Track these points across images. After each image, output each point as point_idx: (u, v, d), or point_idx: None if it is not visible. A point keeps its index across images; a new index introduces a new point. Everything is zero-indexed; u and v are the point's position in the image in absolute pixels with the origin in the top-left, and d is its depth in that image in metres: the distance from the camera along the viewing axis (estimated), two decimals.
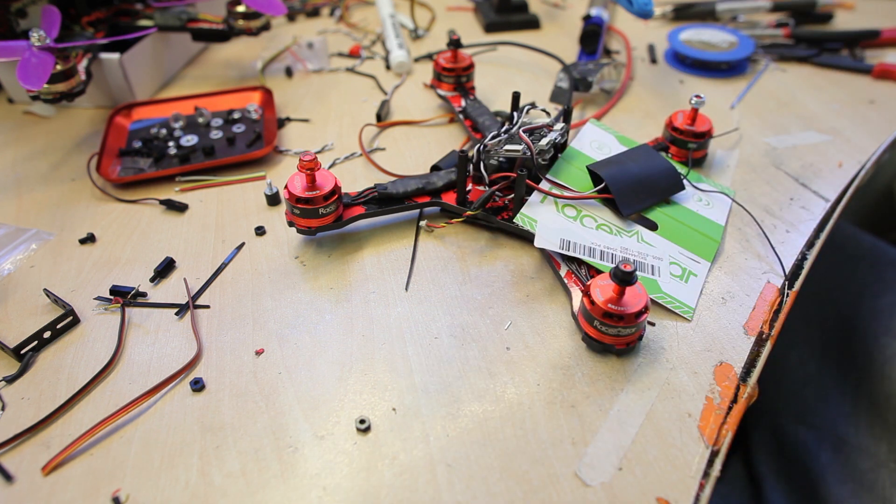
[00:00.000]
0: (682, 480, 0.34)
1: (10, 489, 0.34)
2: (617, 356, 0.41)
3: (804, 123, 0.65)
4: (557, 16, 0.91)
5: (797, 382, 0.67)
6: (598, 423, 0.37)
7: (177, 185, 0.56)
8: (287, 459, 0.35)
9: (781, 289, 0.46)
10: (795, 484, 0.61)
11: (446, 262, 0.48)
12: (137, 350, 0.42)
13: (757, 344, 0.42)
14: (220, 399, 0.39)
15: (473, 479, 0.34)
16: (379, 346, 0.42)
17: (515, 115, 0.52)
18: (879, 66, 0.73)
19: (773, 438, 0.65)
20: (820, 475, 0.59)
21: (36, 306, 0.45)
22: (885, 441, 0.58)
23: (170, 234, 0.51)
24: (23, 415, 0.38)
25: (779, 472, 0.62)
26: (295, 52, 0.78)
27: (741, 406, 0.38)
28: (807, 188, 0.56)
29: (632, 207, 0.49)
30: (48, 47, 0.53)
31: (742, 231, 0.51)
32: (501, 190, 0.49)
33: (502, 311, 0.44)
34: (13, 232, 0.51)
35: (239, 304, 0.45)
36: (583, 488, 0.34)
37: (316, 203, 0.46)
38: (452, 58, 0.64)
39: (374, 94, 0.70)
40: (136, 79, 0.67)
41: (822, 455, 0.61)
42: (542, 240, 0.46)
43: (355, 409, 0.38)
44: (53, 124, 0.66)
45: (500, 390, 0.39)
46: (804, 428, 0.64)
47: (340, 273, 0.47)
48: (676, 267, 0.46)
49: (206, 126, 0.64)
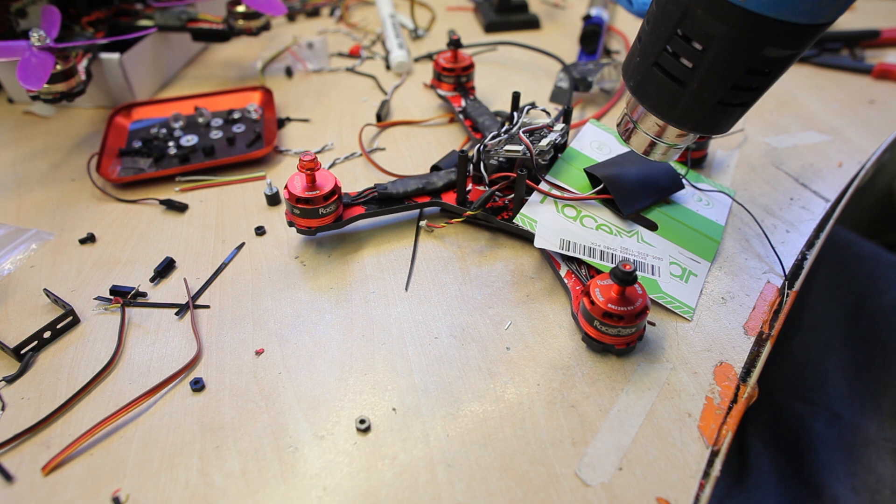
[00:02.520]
0: (682, 480, 0.34)
1: (10, 489, 0.34)
2: (617, 356, 0.41)
3: (804, 123, 0.65)
4: (557, 16, 0.91)
5: (798, 364, 0.68)
6: (598, 423, 0.37)
7: (177, 185, 0.56)
8: (287, 459, 0.35)
9: (781, 289, 0.46)
10: (784, 451, 0.62)
11: (446, 262, 0.48)
12: (137, 350, 0.42)
13: (757, 344, 0.42)
14: (220, 399, 0.39)
15: (473, 479, 0.34)
16: (379, 346, 0.42)
17: (515, 115, 0.52)
18: (879, 66, 0.73)
19: (766, 411, 0.66)
20: (810, 444, 0.61)
21: (36, 306, 0.45)
22: (875, 421, 0.60)
23: (170, 234, 0.51)
24: (23, 415, 0.38)
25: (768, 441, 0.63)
26: (295, 52, 0.78)
27: (741, 406, 0.38)
28: (807, 188, 0.56)
29: (632, 207, 0.49)
30: (48, 47, 0.53)
31: (742, 231, 0.51)
32: (501, 190, 0.49)
33: (502, 311, 0.44)
34: (13, 232, 0.51)
35: (239, 304, 0.45)
36: (583, 488, 0.34)
37: (316, 203, 0.46)
38: (452, 58, 0.64)
39: (374, 94, 0.70)
40: (136, 79, 0.67)
41: (815, 426, 0.62)
42: (541, 240, 0.46)
43: (355, 409, 0.38)
44: (53, 124, 0.66)
45: (500, 390, 0.39)
46: (801, 403, 0.65)
47: (340, 273, 0.47)
48: (676, 267, 0.46)
49: (206, 126, 0.64)
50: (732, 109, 0.39)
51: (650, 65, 0.40)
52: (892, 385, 0.61)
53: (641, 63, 0.40)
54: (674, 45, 0.38)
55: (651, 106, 0.42)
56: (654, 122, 0.42)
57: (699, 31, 0.36)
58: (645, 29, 0.40)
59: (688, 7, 0.35)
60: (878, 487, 0.56)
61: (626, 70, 0.43)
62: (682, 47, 0.37)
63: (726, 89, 0.37)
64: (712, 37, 0.35)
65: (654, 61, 0.39)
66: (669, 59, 0.38)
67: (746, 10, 0.33)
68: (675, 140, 0.43)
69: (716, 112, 0.39)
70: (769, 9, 0.33)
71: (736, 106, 0.39)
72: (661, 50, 0.38)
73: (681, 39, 0.37)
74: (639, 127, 0.44)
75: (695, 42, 0.36)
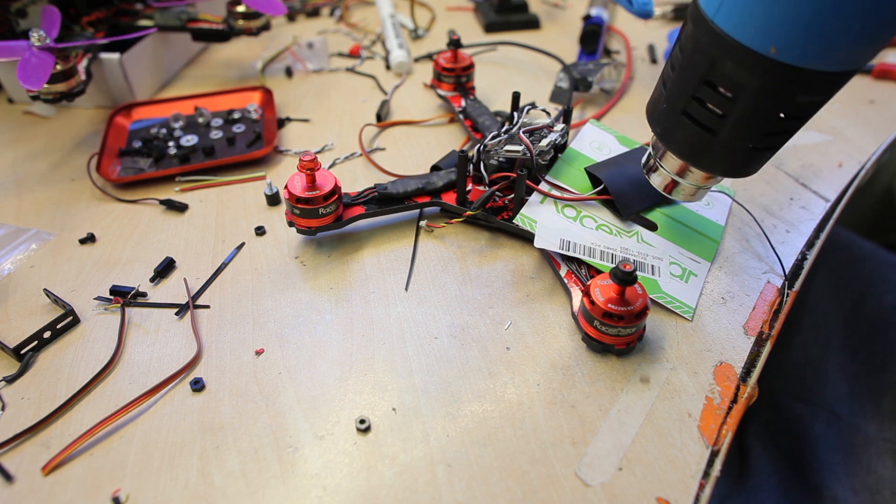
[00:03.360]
0: (682, 480, 0.34)
1: (10, 489, 0.34)
2: (617, 356, 0.41)
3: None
4: (557, 16, 0.91)
5: (798, 364, 0.68)
6: (598, 423, 0.37)
7: (177, 185, 0.56)
8: (287, 459, 0.35)
9: (781, 289, 0.46)
10: (784, 451, 0.62)
11: (446, 262, 0.48)
12: (137, 350, 0.42)
13: (757, 344, 0.42)
14: (220, 399, 0.39)
15: (473, 479, 0.34)
16: (379, 346, 0.42)
17: (515, 115, 0.52)
18: (879, 66, 0.73)
19: (766, 411, 0.66)
20: (809, 444, 0.61)
21: (36, 306, 0.45)
22: (875, 422, 0.60)
23: (170, 234, 0.51)
24: (23, 415, 0.38)
25: (768, 441, 0.63)
26: (295, 52, 0.78)
27: (741, 406, 0.38)
28: (807, 188, 0.56)
29: (631, 209, 0.49)
30: (48, 47, 0.53)
31: (742, 231, 0.51)
32: (501, 190, 0.49)
33: (502, 311, 0.44)
34: (13, 232, 0.51)
35: (239, 304, 0.45)
36: (583, 488, 0.34)
37: (316, 203, 0.46)
38: (452, 58, 0.64)
39: (374, 94, 0.70)
40: (136, 79, 0.67)
41: (815, 426, 0.62)
42: (541, 240, 0.46)
43: (355, 409, 0.38)
44: (53, 124, 0.66)
45: (500, 390, 0.39)
46: (800, 403, 0.65)
47: (340, 273, 0.47)
48: (676, 267, 0.46)
49: (206, 126, 0.64)
50: (762, 153, 0.38)
51: (678, 112, 0.38)
52: (892, 385, 0.61)
53: (668, 111, 0.39)
54: (702, 93, 0.36)
55: (679, 152, 0.41)
56: (682, 163, 0.41)
57: (729, 82, 0.35)
58: (670, 75, 0.38)
59: (716, 58, 0.34)
60: (878, 488, 0.56)
61: (651, 115, 0.42)
62: (711, 96, 0.36)
63: (759, 136, 0.37)
64: (743, 87, 0.34)
65: (683, 109, 0.38)
66: (698, 108, 0.37)
67: (779, 61, 0.32)
68: (703, 182, 0.42)
69: (746, 156, 0.38)
70: (802, 60, 0.32)
71: (766, 150, 0.38)
72: (690, 98, 0.37)
73: (709, 88, 0.36)
74: (663, 168, 0.43)
75: (725, 91, 0.35)
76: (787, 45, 0.31)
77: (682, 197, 0.44)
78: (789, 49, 0.31)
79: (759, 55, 0.32)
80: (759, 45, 0.32)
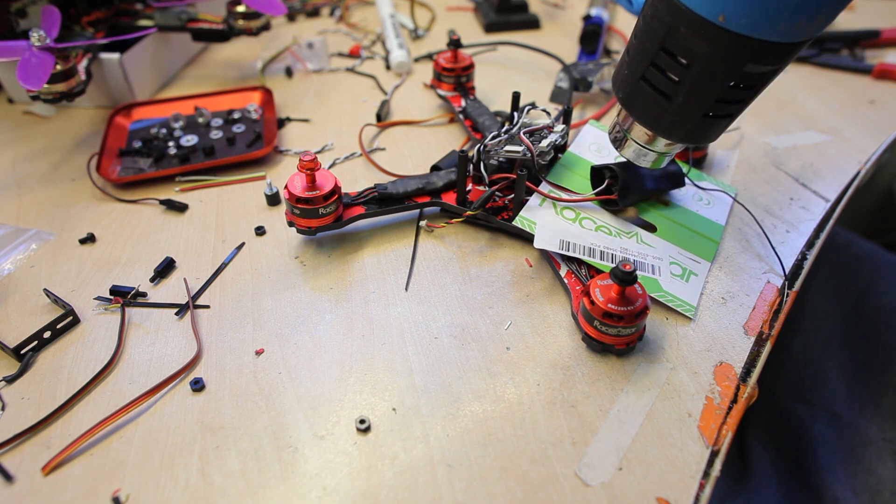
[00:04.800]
0: (682, 480, 0.34)
1: (10, 489, 0.34)
2: (617, 356, 0.41)
3: (804, 123, 0.65)
4: (557, 16, 0.91)
5: (798, 365, 0.68)
6: (598, 423, 0.37)
7: (177, 185, 0.56)
8: (287, 459, 0.35)
9: (781, 289, 0.46)
10: (784, 452, 0.62)
11: (446, 262, 0.48)
12: (137, 350, 0.42)
13: (757, 344, 0.42)
14: (220, 399, 0.39)
15: (473, 479, 0.34)
16: (379, 346, 0.42)
17: (515, 115, 0.52)
18: (879, 66, 0.73)
19: (766, 411, 0.66)
20: (810, 444, 0.61)
21: (36, 306, 0.45)
22: (875, 423, 0.60)
23: (170, 234, 0.51)
24: (23, 415, 0.38)
25: (768, 442, 0.63)
26: (295, 52, 0.78)
27: (741, 406, 0.38)
28: (807, 188, 0.56)
29: (629, 199, 0.49)
30: (48, 47, 0.53)
31: (742, 231, 0.51)
32: (501, 190, 0.49)
33: (502, 311, 0.44)
34: (13, 232, 0.51)
35: (239, 304, 0.45)
36: (583, 488, 0.34)
37: (316, 203, 0.46)
38: (452, 58, 0.64)
39: (374, 94, 0.70)
40: (136, 79, 0.67)
41: (815, 427, 0.62)
42: (541, 241, 0.46)
43: (355, 409, 0.38)
44: (53, 124, 0.66)
45: (500, 390, 0.39)
46: (801, 404, 0.65)
47: (340, 273, 0.47)
48: (677, 267, 0.46)
49: (206, 126, 0.64)
50: (719, 121, 0.40)
51: (637, 78, 0.40)
52: (892, 386, 0.61)
53: (629, 76, 0.41)
54: (659, 60, 0.38)
55: (640, 117, 0.42)
56: (644, 131, 0.43)
57: (683, 48, 0.37)
58: (633, 43, 0.40)
59: (671, 25, 0.36)
60: (879, 488, 0.56)
61: (615, 81, 0.44)
62: (668, 63, 0.38)
63: (711, 102, 0.38)
64: (695, 54, 0.36)
65: (642, 75, 0.40)
66: (656, 74, 0.39)
67: (727, 29, 0.34)
68: (664, 149, 0.44)
69: (702, 124, 0.40)
70: (748, 29, 0.33)
71: (722, 118, 0.40)
72: (648, 64, 0.39)
73: (666, 55, 0.38)
74: (629, 136, 0.44)
75: (679, 58, 0.37)
76: (734, 13, 0.33)
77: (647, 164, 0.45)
78: (737, 18, 0.33)
79: (709, 23, 0.34)
80: (709, 13, 0.34)
